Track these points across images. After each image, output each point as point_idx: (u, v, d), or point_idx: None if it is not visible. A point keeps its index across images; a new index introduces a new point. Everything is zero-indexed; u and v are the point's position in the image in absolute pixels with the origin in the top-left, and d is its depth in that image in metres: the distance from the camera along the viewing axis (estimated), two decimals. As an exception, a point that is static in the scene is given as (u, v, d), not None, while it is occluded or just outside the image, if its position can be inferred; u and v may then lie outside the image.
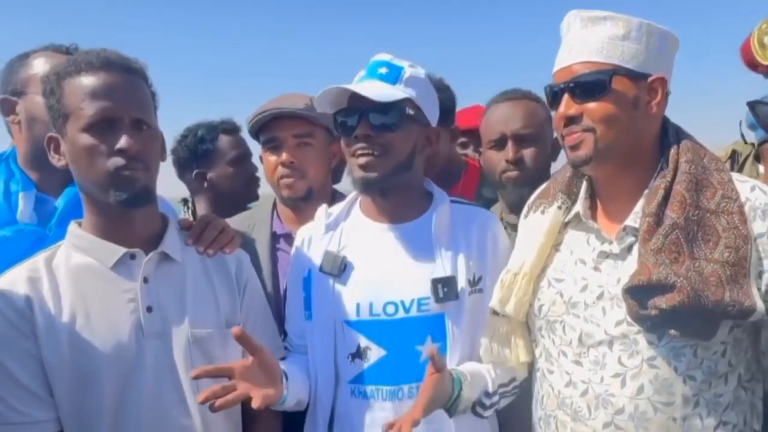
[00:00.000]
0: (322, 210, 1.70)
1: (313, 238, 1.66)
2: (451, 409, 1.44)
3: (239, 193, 2.44)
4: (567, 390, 1.39)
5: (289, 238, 1.92)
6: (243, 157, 2.47)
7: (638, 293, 1.25)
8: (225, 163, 2.42)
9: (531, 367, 1.56)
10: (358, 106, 1.51)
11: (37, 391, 1.29)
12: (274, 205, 2.01)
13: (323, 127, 1.90)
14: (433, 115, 1.63)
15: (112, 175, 1.30)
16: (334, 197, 2.00)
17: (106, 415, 1.31)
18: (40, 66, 1.69)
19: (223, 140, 2.44)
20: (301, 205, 1.90)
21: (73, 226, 1.42)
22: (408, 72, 1.55)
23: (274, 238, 1.94)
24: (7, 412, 1.26)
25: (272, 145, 1.90)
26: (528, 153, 1.92)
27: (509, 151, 1.92)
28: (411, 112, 1.54)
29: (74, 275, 1.36)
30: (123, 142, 1.29)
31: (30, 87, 1.68)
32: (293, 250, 1.72)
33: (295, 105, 1.85)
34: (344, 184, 2.21)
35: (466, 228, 1.60)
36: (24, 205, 1.65)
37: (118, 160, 1.30)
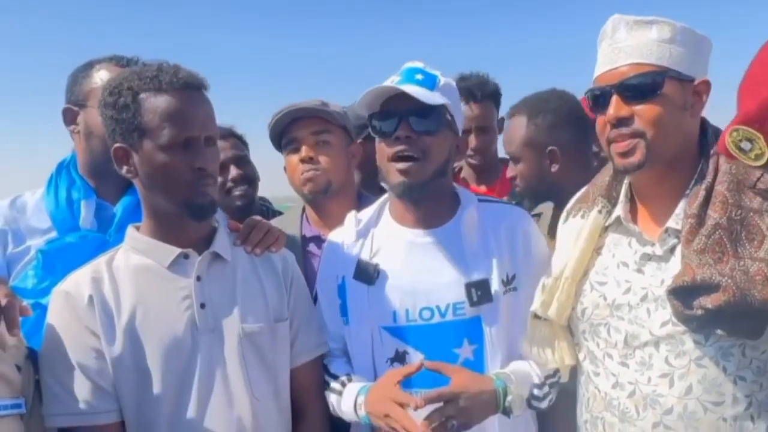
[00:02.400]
0: (351, 216, 1.72)
1: (344, 245, 1.68)
2: (506, 410, 1.46)
3: None
4: (614, 391, 1.39)
5: (318, 240, 1.98)
6: None
7: (682, 294, 1.25)
8: None
9: (574, 369, 1.57)
10: (396, 109, 1.54)
11: (100, 382, 1.36)
12: (303, 210, 2.07)
13: (340, 126, 1.96)
14: (460, 124, 1.66)
15: (189, 192, 1.40)
16: (360, 199, 2.04)
17: (164, 407, 1.38)
18: (102, 79, 1.75)
19: None
20: (322, 202, 1.96)
21: (131, 230, 1.51)
22: (442, 80, 1.58)
23: (304, 241, 1.99)
24: (72, 402, 1.34)
25: (293, 147, 1.96)
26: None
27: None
28: (449, 117, 1.57)
29: (133, 275, 1.44)
30: (201, 162, 1.39)
31: (90, 100, 1.75)
32: (323, 255, 1.76)
33: (309, 105, 1.92)
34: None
35: (496, 227, 1.61)
36: (86, 213, 1.75)
37: (196, 178, 1.39)
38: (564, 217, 1.59)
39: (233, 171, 2.33)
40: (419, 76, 1.56)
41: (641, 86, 1.31)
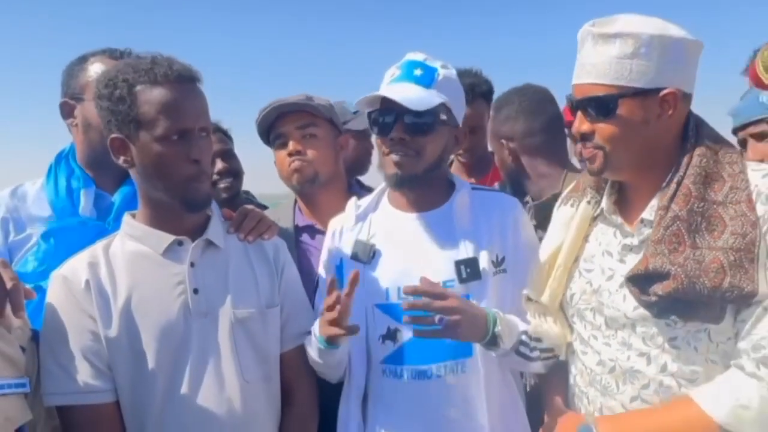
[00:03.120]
0: (352, 202, 1.80)
1: (344, 229, 1.76)
2: (494, 338, 1.50)
3: None
4: (598, 368, 1.46)
5: (310, 229, 2.02)
6: None
7: (639, 281, 1.32)
8: None
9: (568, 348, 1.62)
10: (393, 108, 1.59)
11: (96, 363, 1.42)
12: (296, 202, 2.11)
13: (326, 119, 2.00)
14: (460, 115, 1.71)
15: (184, 185, 1.45)
16: (351, 188, 2.09)
17: (157, 388, 1.44)
18: (97, 72, 1.79)
19: None
20: (311, 193, 2.00)
21: (127, 217, 1.56)
22: (441, 74, 1.62)
23: (297, 230, 2.04)
24: (69, 382, 1.40)
25: (280, 142, 2.00)
26: None
27: None
28: (444, 117, 1.63)
29: (129, 261, 1.49)
30: (196, 153, 1.43)
31: (87, 93, 1.79)
32: (326, 240, 1.81)
33: (294, 100, 1.95)
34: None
35: (488, 212, 1.67)
36: (85, 201, 1.80)
37: (191, 169, 1.44)
38: (558, 205, 1.66)
39: (219, 164, 2.41)
40: (418, 72, 1.61)
41: (597, 107, 1.37)
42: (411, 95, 1.57)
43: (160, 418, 1.44)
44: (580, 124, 1.42)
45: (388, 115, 1.62)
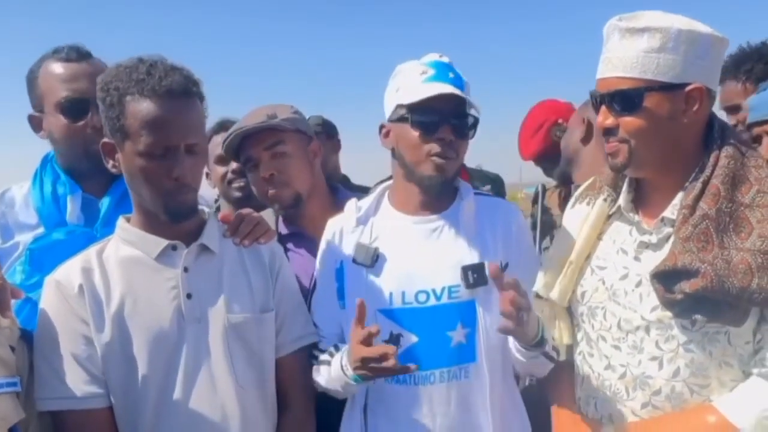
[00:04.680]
0: (352, 203, 1.76)
1: (344, 231, 1.72)
2: (542, 341, 1.47)
3: None
4: (606, 373, 1.45)
5: (295, 237, 1.99)
6: None
7: (665, 278, 1.30)
8: None
9: (572, 349, 1.61)
10: (440, 107, 1.56)
11: (90, 368, 1.40)
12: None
13: (293, 130, 1.93)
14: None
15: (165, 198, 1.42)
16: (337, 193, 2.07)
17: (150, 393, 1.42)
18: (46, 80, 1.75)
19: None
20: (293, 211, 1.95)
21: (121, 221, 1.54)
22: (465, 79, 1.63)
23: (281, 239, 1.97)
24: (62, 387, 1.37)
25: (250, 165, 1.96)
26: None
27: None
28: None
29: (122, 265, 1.47)
30: (178, 171, 1.39)
31: (45, 105, 1.75)
32: (322, 241, 1.78)
33: (255, 120, 1.89)
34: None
35: (491, 217, 1.68)
36: (72, 207, 1.76)
37: (173, 186, 1.41)
38: (572, 203, 1.65)
39: (233, 164, 2.33)
40: (451, 75, 1.60)
41: (623, 101, 1.36)
42: (464, 98, 1.57)
43: (153, 424, 1.42)
44: (605, 118, 1.40)
45: (434, 114, 1.57)
